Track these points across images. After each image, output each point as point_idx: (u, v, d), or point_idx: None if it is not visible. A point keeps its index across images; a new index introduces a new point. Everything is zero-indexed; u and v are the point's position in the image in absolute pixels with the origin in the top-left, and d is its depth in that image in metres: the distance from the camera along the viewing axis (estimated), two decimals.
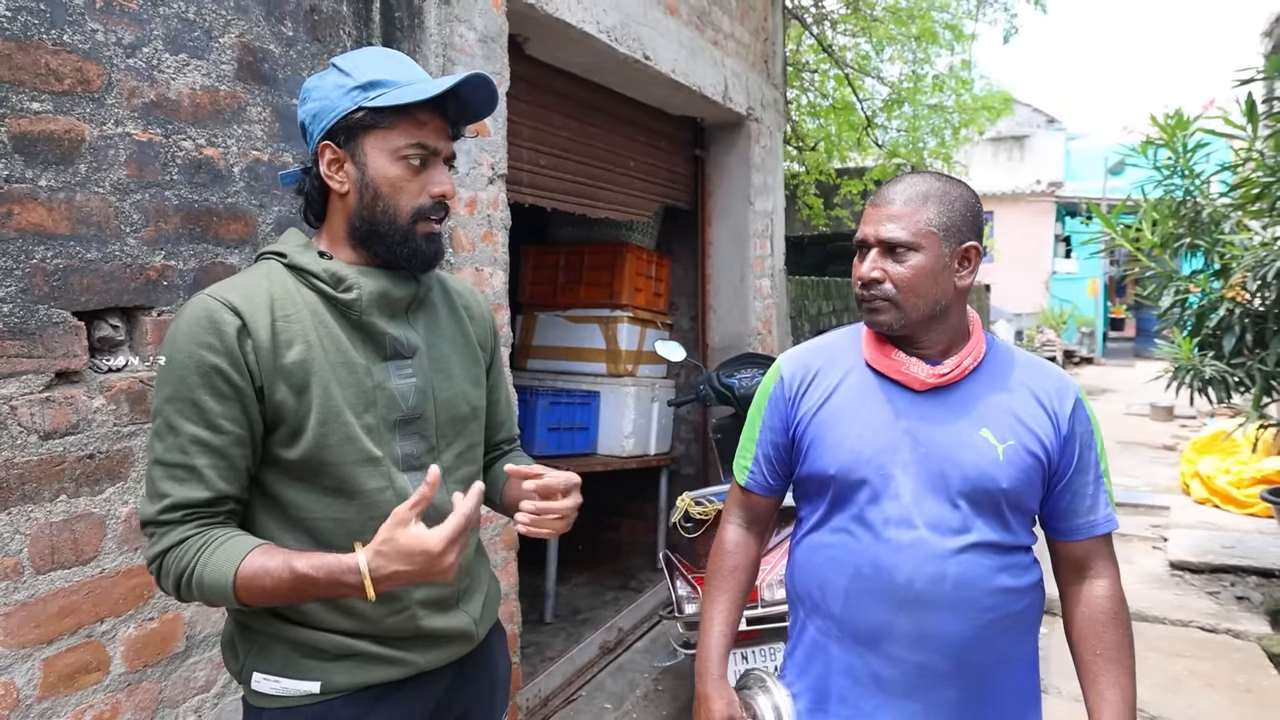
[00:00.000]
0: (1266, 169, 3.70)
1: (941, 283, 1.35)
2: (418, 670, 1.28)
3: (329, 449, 1.18)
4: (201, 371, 1.12)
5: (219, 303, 1.15)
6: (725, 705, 1.48)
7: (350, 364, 1.21)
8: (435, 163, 1.25)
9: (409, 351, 1.27)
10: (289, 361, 1.16)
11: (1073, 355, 16.59)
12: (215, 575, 1.10)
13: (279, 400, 1.16)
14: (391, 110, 1.19)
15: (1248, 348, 3.83)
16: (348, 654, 1.22)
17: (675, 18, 3.71)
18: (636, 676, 3.60)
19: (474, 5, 2.43)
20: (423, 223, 1.24)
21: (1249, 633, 3.93)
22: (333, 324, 1.21)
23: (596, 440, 4.58)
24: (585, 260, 4.72)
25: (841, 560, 1.39)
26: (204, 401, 1.13)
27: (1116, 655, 1.38)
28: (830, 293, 6.35)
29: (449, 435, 1.32)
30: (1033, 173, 18.79)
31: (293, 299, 1.20)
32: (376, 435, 1.22)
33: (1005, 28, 8.17)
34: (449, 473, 1.31)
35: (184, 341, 1.13)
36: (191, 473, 1.13)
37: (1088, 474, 1.39)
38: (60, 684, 1.47)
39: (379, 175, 1.21)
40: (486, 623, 1.40)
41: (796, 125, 8.29)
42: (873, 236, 1.36)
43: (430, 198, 1.24)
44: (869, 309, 1.38)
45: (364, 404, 1.21)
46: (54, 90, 1.44)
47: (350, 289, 1.21)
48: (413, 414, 1.26)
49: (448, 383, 1.32)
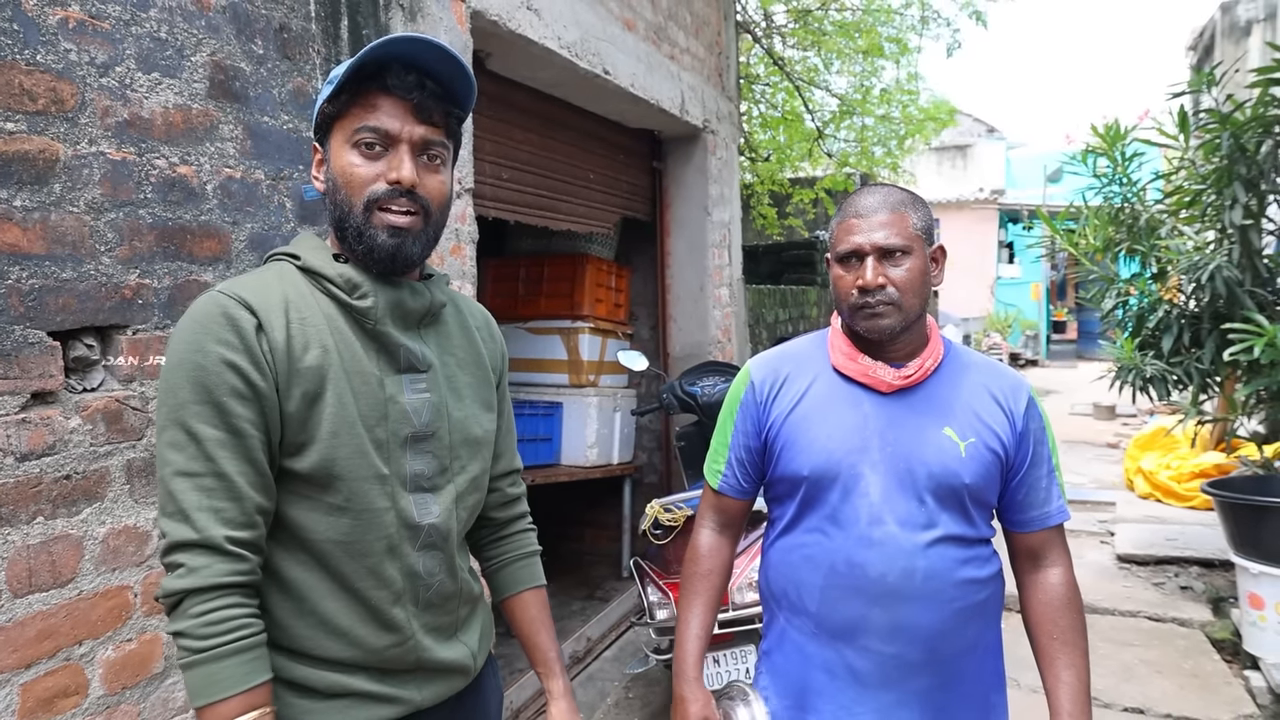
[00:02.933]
0: (1198, 177, 3.89)
1: (928, 283, 1.44)
2: (413, 709, 1.21)
3: (338, 462, 1.11)
4: (220, 371, 1.05)
5: (232, 299, 1.08)
6: (701, 707, 1.52)
7: (364, 374, 1.15)
8: (396, 148, 1.14)
9: (424, 366, 1.21)
10: (305, 365, 1.10)
11: (1018, 358, 17.05)
12: (202, 683, 1.02)
13: (293, 406, 1.09)
14: (346, 98, 1.14)
15: (1185, 347, 4.02)
16: (342, 692, 1.15)
17: (633, 33, 3.77)
18: (607, 685, 3.62)
19: (439, 23, 2.46)
20: (378, 213, 1.14)
21: (1193, 620, 4.10)
22: (347, 331, 1.15)
23: (560, 451, 4.60)
24: (545, 272, 4.73)
25: (816, 558, 1.44)
26: (226, 403, 1.05)
27: (1072, 639, 1.46)
28: (786, 301, 6.46)
29: (463, 457, 1.26)
30: (975, 181, 19.31)
31: (307, 302, 1.14)
32: (386, 451, 1.15)
33: (948, 42, 8.44)
34: (461, 498, 1.26)
35: (198, 340, 1.06)
36: (221, 480, 1.04)
37: (1041, 468, 1.47)
38: (39, 709, 1.45)
39: (337, 165, 1.16)
40: (482, 655, 1.35)
41: (749, 136, 8.43)
42: (869, 245, 1.40)
43: (386, 183, 1.13)
44: (871, 315, 1.40)
45: (376, 416, 1.15)
46: (28, 110, 1.43)
47: (365, 296, 1.15)
48: (425, 431, 1.20)
49: (460, 403, 1.26)
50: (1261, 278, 3.78)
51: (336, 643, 1.15)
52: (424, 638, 1.21)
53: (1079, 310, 19.59)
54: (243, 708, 1.03)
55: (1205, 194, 3.83)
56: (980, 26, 8.20)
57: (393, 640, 1.18)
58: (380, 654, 1.17)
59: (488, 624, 1.40)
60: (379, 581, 1.16)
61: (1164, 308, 4.08)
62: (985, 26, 8.20)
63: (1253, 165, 3.59)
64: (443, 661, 1.24)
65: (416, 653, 1.20)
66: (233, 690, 1.02)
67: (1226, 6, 8.64)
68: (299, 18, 2.00)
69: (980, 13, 8.15)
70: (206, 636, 1.02)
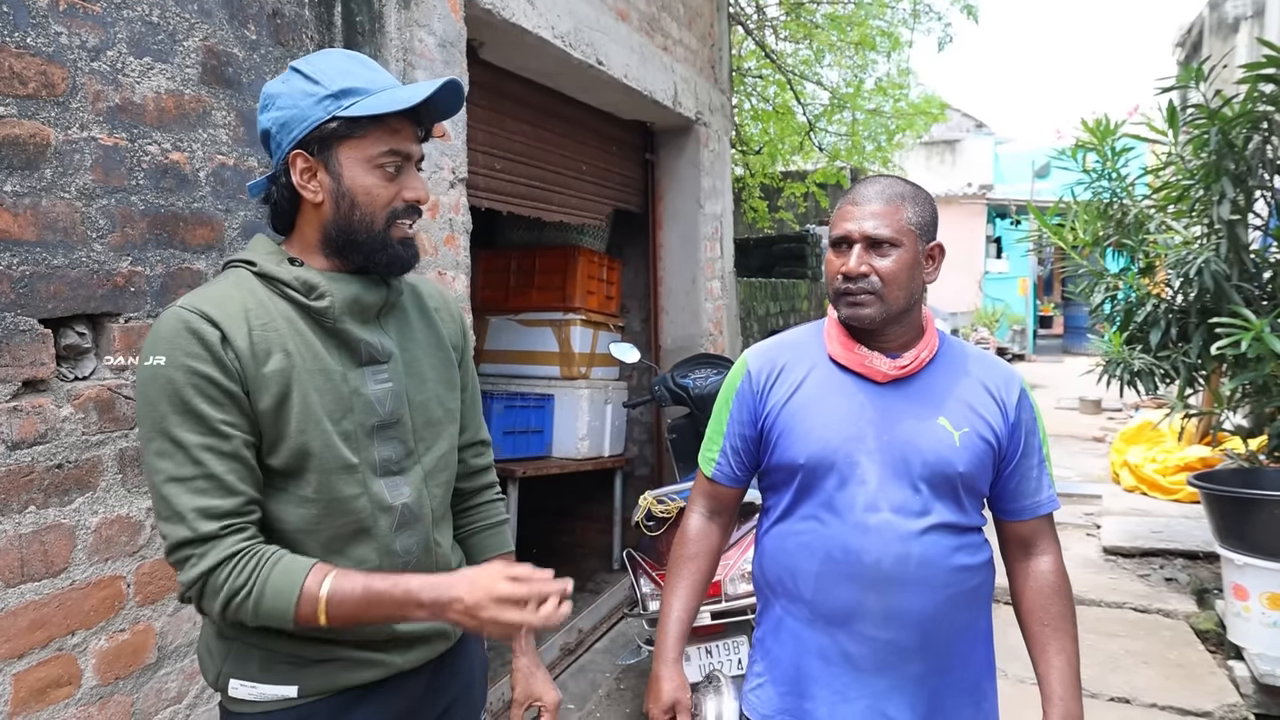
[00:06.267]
0: (1186, 173, 3.91)
1: (916, 278, 1.44)
2: (396, 670, 1.28)
3: (308, 456, 1.18)
4: (194, 382, 1.11)
5: (195, 314, 1.13)
6: (674, 688, 1.53)
7: (327, 371, 1.20)
8: (409, 168, 1.25)
9: (384, 356, 1.27)
10: (268, 371, 1.16)
11: (1005, 352, 17.12)
12: (278, 594, 1.11)
13: (262, 409, 1.15)
14: (367, 119, 1.19)
15: (1172, 341, 4.04)
16: (325, 658, 1.22)
17: (626, 24, 3.76)
18: (598, 676, 3.62)
19: (433, 10, 2.44)
20: (397, 227, 1.24)
21: (1178, 611, 4.14)
22: (307, 332, 1.20)
23: (551, 443, 4.60)
24: (537, 264, 4.73)
25: (812, 545, 1.45)
26: (203, 410, 1.11)
27: (1062, 625, 1.49)
28: (777, 294, 6.47)
29: (427, 439, 1.32)
30: (964, 176, 19.34)
31: (266, 308, 1.19)
32: (354, 441, 1.22)
33: (940, 36, 8.44)
34: (430, 476, 1.32)
35: (168, 356, 1.11)
36: (211, 480, 1.11)
37: (1032, 458, 1.50)
38: (31, 699, 1.44)
39: (355, 184, 1.20)
40: None
41: (740, 129, 8.43)
42: (857, 233, 1.42)
43: (404, 202, 1.24)
44: (852, 302, 1.43)
45: (342, 410, 1.21)
46: (18, 94, 1.41)
47: (322, 296, 1.20)
48: (390, 419, 1.26)
49: (421, 386, 1.32)
50: (1249, 272, 3.80)
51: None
52: None
53: (1065, 305, 19.69)
54: (317, 581, 1.13)
55: (1193, 189, 3.85)
56: (971, 21, 8.21)
57: None
58: (354, 630, 1.23)
59: None
60: (349, 562, 1.22)
61: (1152, 302, 4.11)
62: (976, 21, 8.22)
63: (1240, 161, 3.62)
64: (418, 632, 1.30)
65: (389, 626, 1.26)
66: (298, 582, 1.12)
67: (1215, 3, 8.68)
68: (292, 3, 1.98)
69: (971, 6, 8.17)
70: (253, 574, 1.12)
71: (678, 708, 1.52)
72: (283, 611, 1.12)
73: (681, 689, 1.54)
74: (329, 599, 1.12)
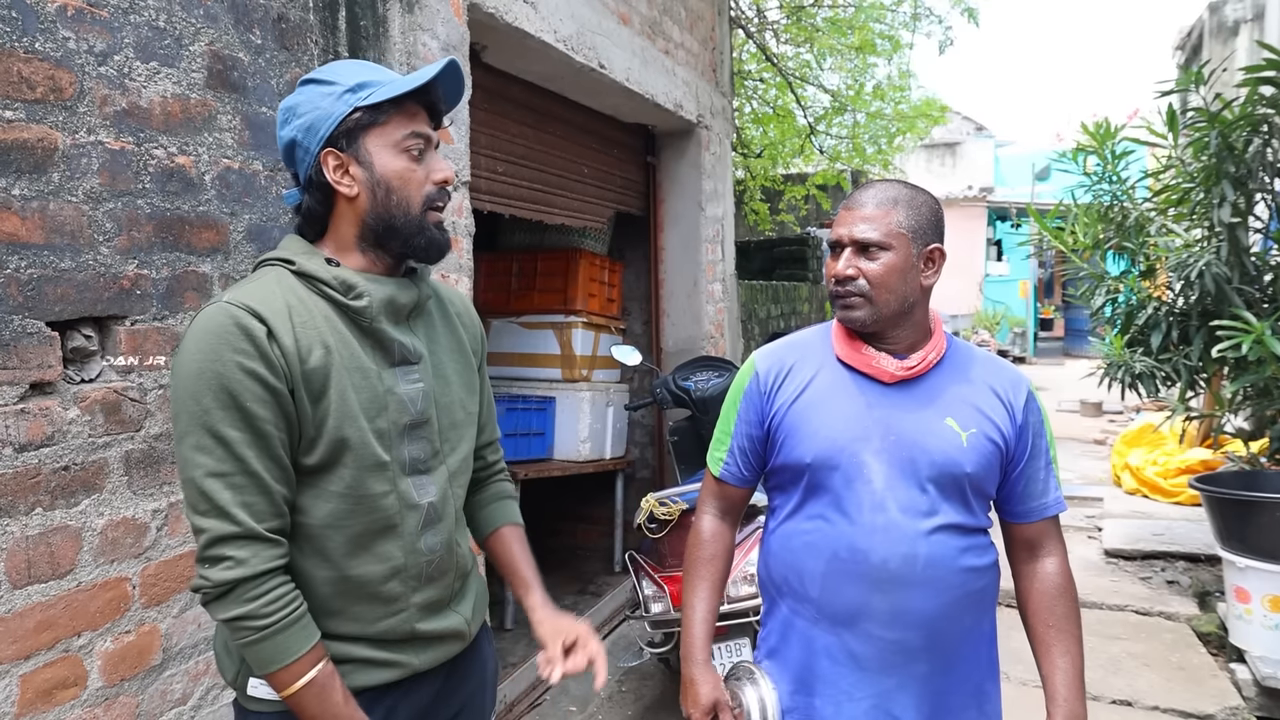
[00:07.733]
0: (1186, 176, 3.92)
1: (910, 281, 1.44)
2: (413, 671, 1.30)
3: (344, 452, 1.19)
4: (240, 378, 1.12)
5: (242, 309, 1.14)
6: (711, 689, 1.53)
7: (363, 369, 1.22)
8: (431, 150, 1.27)
9: (415, 357, 1.29)
10: (310, 367, 1.17)
11: (1006, 355, 17.12)
12: (279, 649, 1.14)
13: (304, 404, 1.17)
14: (388, 105, 1.21)
15: (1173, 344, 4.05)
16: (343, 659, 1.23)
17: (628, 27, 3.77)
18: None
19: (437, 14, 2.45)
20: (432, 211, 1.27)
21: (1179, 614, 4.14)
22: (344, 330, 1.22)
23: (553, 445, 4.60)
24: (538, 267, 4.73)
25: (818, 545, 1.46)
26: (249, 407, 1.12)
27: (1067, 626, 1.49)
28: (779, 296, 6.47)
29: (451, 439, 1.34)
30: (964, 179, 19.36)
31: (306, 306, 1.20)
32: (386, 440, 1.23)
33: (940, 39, 8.45)
34: (454, 476, 1.35)
35: (215, 351, 1.12)
36: (251, 478, 1.13)
37: (1039, 460, 1.50)
38: (38, 700, 1.44)
39: (388, 170, 1.23)
40: (477, 621, 1.43)
41: (741, 132, 8.44)
42: (847, 237, 1.45)
43: (434, 184, 1.27)
44: (844, 305, 1.46)
45: (376, 408, 1.23)
46: (26, 98, 1.42)
47: (360, 296, 1.22)
48: (420, 418, 1.28)
49: (446, 388, 1.35)
50: (1249, 275, 3.81)
51: (336, 619, 1.24)
52: (419, 611, 1.30)
53: (1066, 308, 19.70)
54: (311, 661, 1.16)
55: (1194, 192, 3.86)
56: (972, 24, 8.23)
57: (388, 612, 1.26)
58: (375, 625, 1.26)
59: (482, 593, 1.48)
60: (372, 558, 1.24)
61: (1153, 305, 4.11)
62: (977, 24, 8.23)
63: (1241, 163, 3.62)
64: (437, 631, 1.32)
65: (411, 624, 1.28)
66: (300, 651, 1.15)
67: (1214, 6, 8.70)
68: (297, 8, 1.99)
69: (972, 9, 8.18)
70: (270, 614, 1.13)
71: (719, 708, 1.52)
72: (266, 663, 1.15)
73: (718, 688, 1.54)
74: (308, 684, 1.15)
